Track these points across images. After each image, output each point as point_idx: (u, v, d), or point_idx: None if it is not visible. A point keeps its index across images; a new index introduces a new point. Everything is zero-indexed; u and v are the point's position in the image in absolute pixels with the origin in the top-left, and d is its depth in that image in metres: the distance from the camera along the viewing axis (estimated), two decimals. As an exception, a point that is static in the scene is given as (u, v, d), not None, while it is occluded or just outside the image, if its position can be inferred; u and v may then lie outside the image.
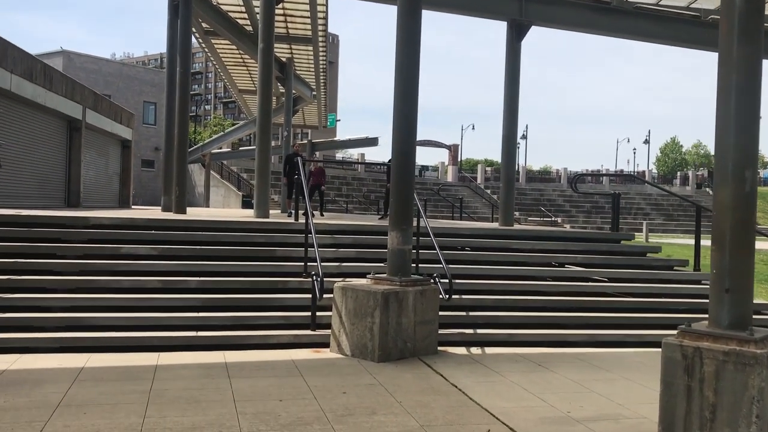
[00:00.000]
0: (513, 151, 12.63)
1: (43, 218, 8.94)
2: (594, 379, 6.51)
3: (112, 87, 44.27)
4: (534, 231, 11.61)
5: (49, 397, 5.27)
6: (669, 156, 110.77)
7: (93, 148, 21.50)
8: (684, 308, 9.32)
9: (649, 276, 9.98)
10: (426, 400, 5.57)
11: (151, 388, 5.61)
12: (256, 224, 9.83)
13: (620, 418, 5.27)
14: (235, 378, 6.03)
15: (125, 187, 25.96)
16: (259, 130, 12.41)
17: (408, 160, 7.41)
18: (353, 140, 42.43)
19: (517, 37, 12.39)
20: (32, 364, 6.34)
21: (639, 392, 6.09)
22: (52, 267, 8.08)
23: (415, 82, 7.35)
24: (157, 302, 7.74)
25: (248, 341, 7.38)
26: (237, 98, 38.18)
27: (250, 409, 5.12)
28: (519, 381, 6.32)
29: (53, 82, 17.42)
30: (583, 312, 8.85)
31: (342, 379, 6.17)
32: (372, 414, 5.13)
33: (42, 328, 7.15)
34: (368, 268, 8.81)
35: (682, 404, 4.40)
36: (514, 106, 12.56)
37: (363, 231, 9.95)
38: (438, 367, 6.76)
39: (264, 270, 8.62)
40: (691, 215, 62.27)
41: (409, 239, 7.38)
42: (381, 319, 6.81)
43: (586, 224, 55.38)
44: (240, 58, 27.42)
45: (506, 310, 8.57)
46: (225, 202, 44.98)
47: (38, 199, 17.06)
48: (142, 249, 8.55)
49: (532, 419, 5.15)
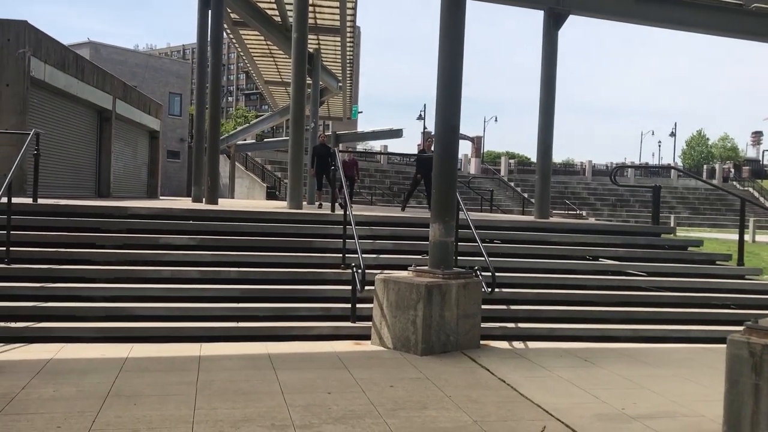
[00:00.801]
0: (549, 144, 12.43)
1: (82, 208, 8.96)
2: (643, 375, 6.36)
3: (137, 78, 44.49)
4: (572, 224, 11.44)
5: (97, 387, 5.25)
6: (695, 149, 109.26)
7: (122, 138, 21.62)
8: (729, 304, 9.12)
9: (691, 270, 9.79)
10: (475, 395, 5.47)
11: (198, 379, 5.57)
12: (292, 215, 9.78)
13: (677, 416, 5.13)
14: (281, 370, 5.98)
15: (153, 177, 26.10)
16: (293, 121, 12.35)
17: (450, 152, 7.29)
18: (377, 132, 42.27)
19: (554, 25, 12.18)
20: (76, 353, 6.34)
21: (692, 389, 5.94)
22: (92, 256, 8.10)
23: (458, 74, 7.22)
24: (197, 292, 7.72)
25: (289, 332, 7.33)
26: (263, 89, 38.23)
27: (300, 402, 5.05)
28: (567, 376, 6.20)
29: (85, 73, 17.50)
30: (624, 306, 8.69)
31: (387, 372, 6.09)
32: (423, 408, 5.04)
33: (84, 318, 7.15)
34: (406, 260, 8.74)
35: (748, 404, 4.25)
36: (550, 98, 12.37)
37: (400, 223, 9.86)
38: (482, 361, 6.65)
39: (302, 261, 8.56)
40: (717, 209, 61.58)
41: (452, 231, 7.27)
42: (424, 312, 6.71)
43: (611, 217, 54.95)
44: (267, 49, 27.42)
45: (547, 304, 8.44)
46: (249, 194, 45.19)
47: (71, 189, 17.19)
48: (181, 239, 8.54)
49: (586, 416, 5.03)
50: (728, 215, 60.52)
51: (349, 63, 28.64)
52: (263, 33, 21.58)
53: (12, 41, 13.57)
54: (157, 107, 25.93)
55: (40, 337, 6.74)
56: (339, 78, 30.12)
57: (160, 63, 49.46)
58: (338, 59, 27.16)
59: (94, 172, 19.35)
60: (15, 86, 13.61)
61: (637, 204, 62.03)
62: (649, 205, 62.01)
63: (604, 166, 73.64)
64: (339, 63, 27.70)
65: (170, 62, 53.40)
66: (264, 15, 20.34)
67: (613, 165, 75.37)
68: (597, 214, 55.55)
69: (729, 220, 58.35)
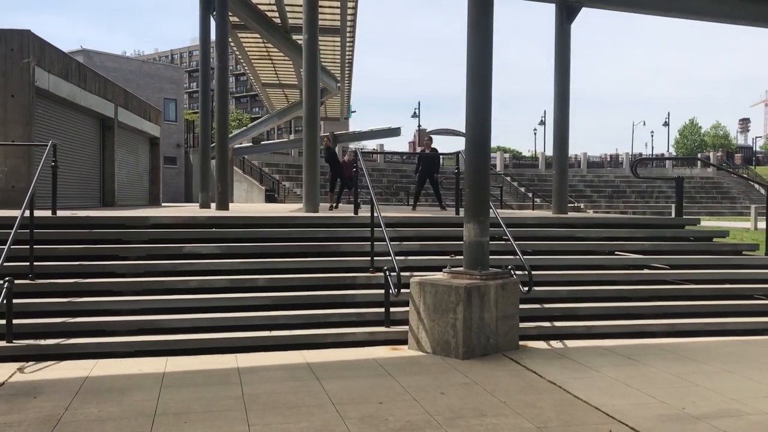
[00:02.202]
0: (566, 139, 12.29)
1: (102, 219, 8.78)
2: (693, 372, 6.24)
3: (131, 84, 44.08)
4: (595, 218, 11.33)
5: (141, 405, 5.09)
6: (688, 138, 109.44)
7: (124, 146, 21.39)
8: (761, 294, 9.01)
9: (719, 262, 9.67)
10: (530, 399, 5.33)
11: (243, 393, 5.42)
12: (315, 219, 9.62)
13: (741, 415, 5.00)
14: (324, 380, 5.82)
15: (155, 184, 25.84)
16: (306, 123, 12.18)
17: (483, 151, 7.14)
18: (375, 131, 42.09)
19: (567, 19, 12.03)
20: (111, 369, 6.17)
21: (747, 385, 5.81)
22: (116, 269, 7.93)
23: (488, 70, 7.06)
24: (227, 302, 7.56)
25: (324, 340, 7.18)
26: (260, 92, 38.02)
27: (353, 414, 4.90)
28: (616, 376, 6.06)
29: (87, 81, 17.28)
30: (657, 301, 8.57)
31: (433, 378, 5.94)
32: (481, 416, 4.90)
33: (115, 332, 6.98)
34: (434, 262, 8.61)
35: (827, 401, 4.14)
36: (564, 92, 12.24)
37: (424, 223, 9.72)
38: (526, 363, 6.52)
39: (330, 266, 8.41)
40: (713, 197, 61.63)
41: (487, 230, 7.12)
42: (464, 314, 6.57)
43: (609, 209, 54.91)
44: (265, 52, 27.23)
45: (581, 301, 8.31)
46: (248, 197, 44.97)
47: (77, 199, 16.96)
48: (206, 248, 8.37)
49: (649, 417, 4.90)
50: (724, 203, 60.67)
51: (348, 63, 28.49)
52: (263, 35, 21.40)
53: (16, 51, 13.34)
54: (156, 113, 25.68)
55: (71, 353, 6.58)
56: (338, 78, 29.95)
57: (153, 69, 49.11)
58: (337, 60, 27.00)
59: (99, 181, 19.12)
60: (20, 97, 13.39)
61: (634, 195, 62.09)
62: (645, 195, 62.19)
63: (598, 157, 73.74)
64: (338, 63, 27.55)
65: (164, 68, 53.03)
66: (264, 17, 20.17)
67: (607, 157, 75.57)
68: (595, 206, 55.51)
69: (725, 207, 58.49)
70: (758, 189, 65.23)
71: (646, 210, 54.87)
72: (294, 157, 53.57)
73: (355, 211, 10.10)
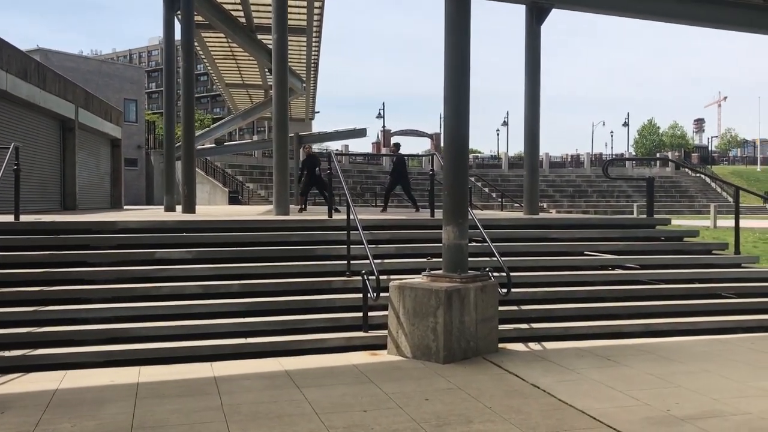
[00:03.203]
0: (536, 139, 12.32)
1: (68, 224, 8.50)
2: (672, 372, 6.26)
3: (91, 85, 43.08)
4: (568, 219, 11.37)
5: (117, 419, 4.89)
6: (647, 138, 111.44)
7: (85, 148, 20.89)
8: (731, 293, 9.13)
9: (690, 261, 9.79)
10: (516, 404, 5.28)
11: (222, 403, 5.26)
12: (288, 222, 9.46)
13: (725, 415, 5.02)
14: (305, 388, 5.69)
15: (116, 187, 25.33)
16: (276, 124, 11.98)
17: (461, 154, 7.08)
18: (341, 132, 41.77)
19: (537, 20, 12.05)
20: (82, 381, 5.94)
21: (726, 385, 5.85)
22: (85, 276, 7.67)
23: (465, 71, 7.00)
24: (201, 308, 7.37)
25: (301, 346, 7.05)
26: (224, 92, 37.54)
27: (339, 423, 4.79)
28: (598, 378, 6.05)
29: (47, 81, 16.80)
30: (633, 301, 8.62)
31: (416, 383, 5.85)
32: (468, 422, 4.83)
33: (84, 342, 6.75)
34: (411, 264, 8.54)
35: (814, 401, 4.16)
36: (535, 93, 12.26)
37: (399, 225, 9.63)
38: (507, 366, 6.47)
39: (305, 270, 8.27)
40: (672, 196, 62.84)
41: (466, 233, 7.06)
42: (445, 318, 6.49)
43: (571, 208, 55.64)
44: (229, 52, 26.87)
45: (558, 302, 8.32)
46: (211, 199, 44.38)
47: (37, 203, 16.48)
48: (177, 253, 8.15)
49: (636, 420, 4.88)
50: (683, 201, 61.96)
51: (314, 64, 28.27)
52: (228, 35, 21.10)
53: (-28, 50, 12.89)
54: (117, 114, 25.17)
55: (38, 365, 6.33)
56: (303, 79, 29.71)
57: (113, 69, 48.13)
58: (303, 60, 26.77)
59: (59, 184, 18.61)
60: (-23, 98, 12.94)
61: (595, 195, 63.08)
62: (606, 195, 63.19)
63: (560, 158, 74.73)
64: (304, 64, 27.32)
65: (124, 68, 52.00)
66: (229, 17, 19.87)
67: (568, 157, 76.61)
68: (557, 205, 56.17)
69: (684, 206, 59.71)
70: (715, 188, 66.83)
71: (608, 209, 55.76)
72: (258, 159, 53.05)
73: (329, 213, 9.97)
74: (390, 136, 68.76)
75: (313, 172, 15.34)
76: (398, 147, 15.57)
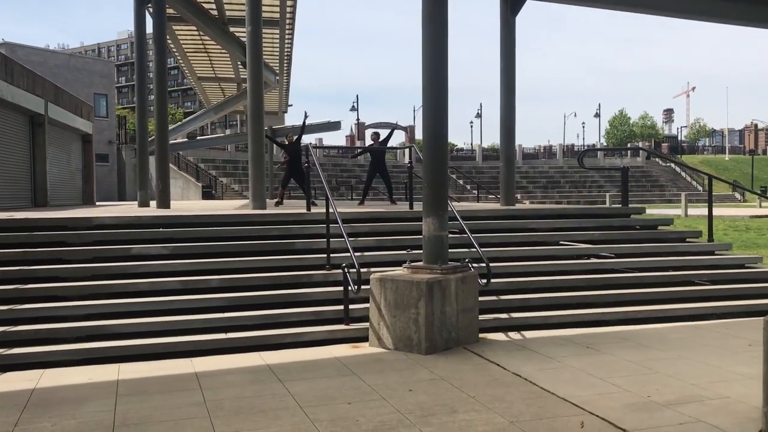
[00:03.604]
0: (512, 130, 12.36)
1: (42, 221, 8.36)
2: (650, 359, 6.34)
3: (59, 79, 42.28)
4: (546, 210, 11.46)
5: (99, 416, 4.84)
6: (618, 128, 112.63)
7: (55, 143, 20.53)
8: (706, 280, 9.28)
9: (665, 249, 9.94)
10: (498, 393, 5.32)
11: (205, 399, 5.22)
12: (265, 216, 9.41)
13: (704, 400, 5.10)
14: (288, 381, 5.67)
15: (88, 183, 24.95)
16: (252, 117, 11.88)
17: (441, 146, 7.08)
18: (315, 125, 41.52)
19: (511, 11, 12.09)
20: (60, 380, 5.86)
21: (703, 370, 5.95)
22: (61, 273, 7.55)
23: (444, 62, 7.00)
24: (180, 304, 7.31)
25: (282, 340, 7.02)
26: (195, 86, 37.15)
27: (323, 416, 4.78)
28: (578, 366, 6.12)
29: (14, 75, 16.47)
30: (610, 290, 8.73)
31: (399, 375, 5.87)
32: (453, 412, 4.85)
33: (61, 340, 6.65)
34: (391, 257, 8.55)
35: (791, 383, 4.24)
36: (511, 84, 12.30)
37: (378, 218, 9.63)
38: (488, 355, 6.51)
39: (285, 264, 8.23)
40: (642, 185, 63.68)
41: (446, 224, 7.07)
42: (426, 309, 6.51)
43: (544, 199, 56.16)
44: (201, 45, 26.59)
45: (537, 291, 8.39)
46: (184, 194, 43.95)
47: (7, 200, 16.18)
48: (154, 248, 8.07)
49: (617, 407, 4.94)
50: (653, 191, 62.90)
51: (287, 56, 28.09)
52: (200, 27, 20.86)
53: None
54: (88, 109, 24.78)
55: (14, 364, 6.24)
56: (277, 72, 29.50)
57: (82, 63, 47.35)
58: (276, 53, 26.58)
59: (30, 180, 18.28)
60: (-58, 93, 12.64)
61: (568, 185, 63.76)
62: (579, 185, 63.89)
63: (533, 149, 75.35)
64: (277, 57, 27.12)
65: (93, 62, 51.22)
66: (201, 9, 19.64)
67: (541, 148, 77.28)
68: (531, 196, 56.69)
69: (655, 195, 60.63)
70: (685, 177, 67.87)
71: (580, 200, 56.37)
72: (231, 153, 52.58)
73: (307, 207, 9.93)
74: (364, 128, 68.67)
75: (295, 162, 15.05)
76: (378, 137, 15.50)
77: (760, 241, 19.44)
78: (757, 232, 22.32)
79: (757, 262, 10.02)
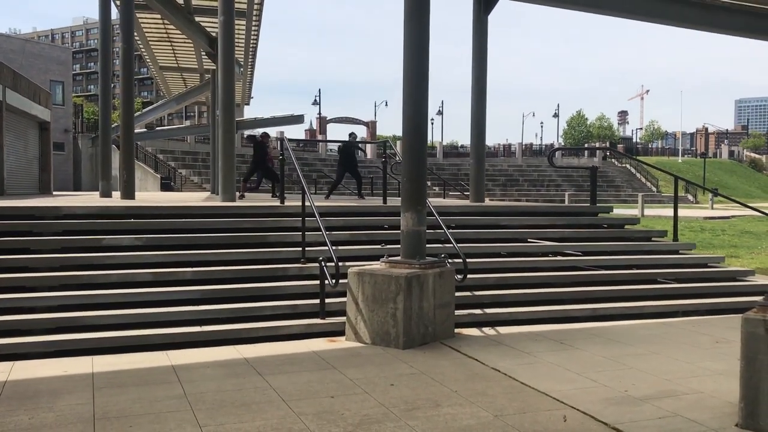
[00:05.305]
0: (483, 129, 12.46)
1: (7, 209, 8.12)
2: (623, 355, 6.48)
3: (14, 65, 41.08)
4: (516, 207, 11.59)
5: (77, 409, 4.74)
6: (576, 129, 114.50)
7: (12, 130, 19.96)
8: (671, 278, 9.51)
9: (632, 248, 10.14)
10: (480, 387, 5.37)
11: (185, 392, 5.15)
12: (238, 209, 9.30)
13: (679, 395, 5.23)
14: (268, 375, 5.64)
15: (45, 172, 24.33)
16: (223, 108, 11.74)
17: (420, 141, 7.10)
18: (278, 118, 41.16)
19: (484, 10, 12.18)
20: (33, 372, 5.72)
21: (675, 366, 6.10)
22: (29, 263, 7.36)
23: (424, 56, 7.03)
24: (152, 296, 7.19)
25: (257, 334, 6.97)
26: (156, 75, 36.37)
27: (308, 410, 4.76)
28: (555, 361, 6.21)
29: (-28, 60, 15.94)
30: (579, 287, 8.88)
31: (379, 369, 5.88)
32: (437, 406, 4.89)
33: (31, 331, 6.49)
34: (365, 251, 8.55)
35: (766, 380, 4.38)
36: (482, 83, 12.39)
37: (352, 212, 9.61)
38: (466, 350, 6.57)
39: (259, 257, 8.16)
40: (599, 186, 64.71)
41: (424, 220, 7.10)
42: (405, 304, 6.54)
43: (504, 197, 56.75)
44: (165, 34, 26.06)
45: (509, 288, 8.48)
46: (142, 185, 43.16)
47: (-38, 188, 15.67)
48: (125, 239, 7.91)
49: (596, 401, 5.04)
50: (609, 191, 64.02)
51: (252, 48, 27.77)
52: (165, 16, 20.43)
53: None
54: (46, 96, 24.15)
55: (-18, 356, 6.04)
56: (242, 63, 29.13)
57: (38, 49, 46.07)
58: (242, 44, 26.22)
59: (-15, 168, 17.77)
60: None
61: (526, 183, 64.59)
62: (537, 184, 64.78)
63: (492, 147, 76.14)
64: (242, 48, 26.76)
65: (50, 48, 49.84)
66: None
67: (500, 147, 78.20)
68: (490, 194, 57.15)
69: (610, 195, 61.70)
70: (640, 178, 69.34)
71: (539, 198, 57.12)
72: (191, 144, 51.77)
73: (281, 200, 9.86)
74: (326, 123, 68.40)
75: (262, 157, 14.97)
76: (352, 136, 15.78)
77: (715, 241, 20.03)
78: (711, 232, 22.99)
79: (720, 262, 10.31)
